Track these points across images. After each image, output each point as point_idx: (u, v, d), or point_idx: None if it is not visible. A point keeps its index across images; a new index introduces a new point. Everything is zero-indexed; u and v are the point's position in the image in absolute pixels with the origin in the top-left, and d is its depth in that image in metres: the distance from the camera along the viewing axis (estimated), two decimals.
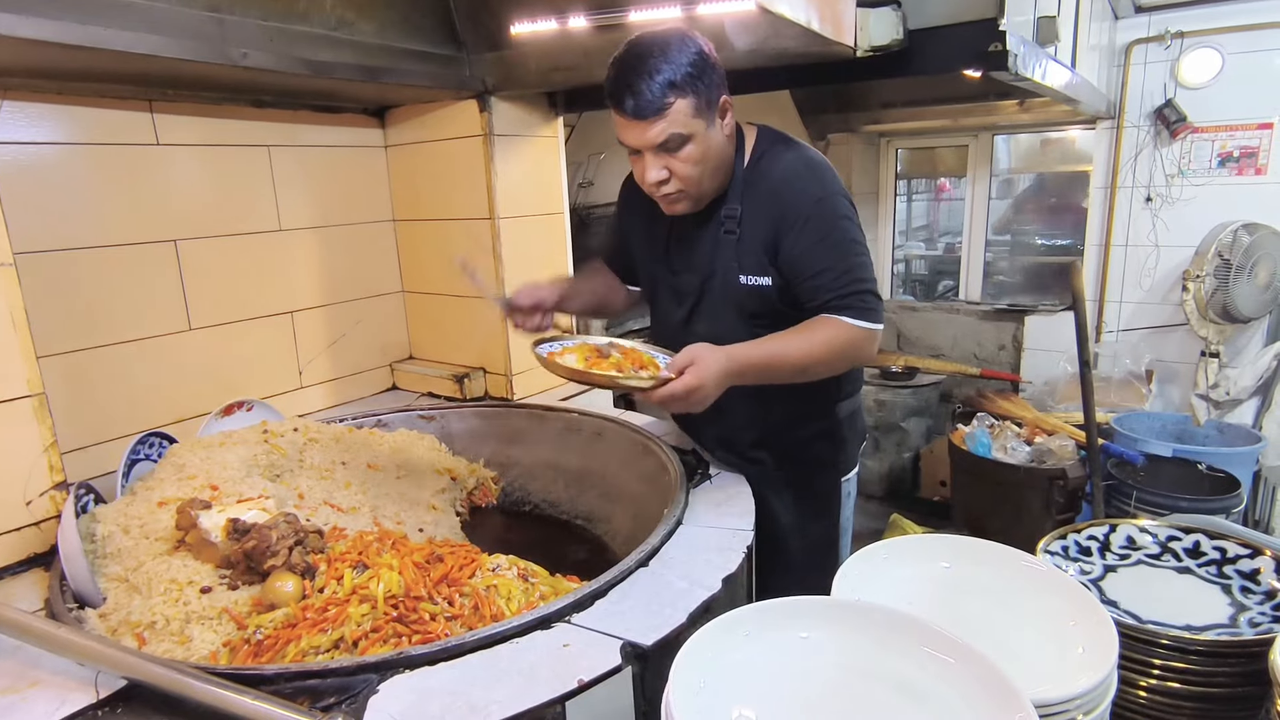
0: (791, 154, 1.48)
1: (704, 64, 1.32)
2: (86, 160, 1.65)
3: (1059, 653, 0.90)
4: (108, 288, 1.71)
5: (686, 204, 1.45)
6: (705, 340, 1.50)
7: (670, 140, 1.33)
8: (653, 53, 1.29)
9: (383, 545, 1.29)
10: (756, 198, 1.46)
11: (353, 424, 1.92)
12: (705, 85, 1.32)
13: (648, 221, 1.61)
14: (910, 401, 4.09)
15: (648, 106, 1.29)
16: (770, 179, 1.45)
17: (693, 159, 1.36)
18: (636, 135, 1.34)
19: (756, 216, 1.46)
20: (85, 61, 1.42)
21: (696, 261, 1.54)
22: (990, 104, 3.81)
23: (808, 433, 1.62)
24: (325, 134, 2.15)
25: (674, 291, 1.60)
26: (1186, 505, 2.56)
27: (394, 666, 0.98)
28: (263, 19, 1.55)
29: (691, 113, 1.32)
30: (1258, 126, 3.42)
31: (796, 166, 1.45)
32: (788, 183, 1.43)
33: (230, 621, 1.14)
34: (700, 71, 1.31)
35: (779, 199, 1.43)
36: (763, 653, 0.83)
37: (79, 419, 1.66)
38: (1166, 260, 3.71)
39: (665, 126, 1.31)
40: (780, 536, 1.62)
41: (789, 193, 1.42)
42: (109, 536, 1.29)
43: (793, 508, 1.63)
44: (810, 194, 1.41)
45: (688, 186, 1.40)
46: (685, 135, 1.33)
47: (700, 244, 1.53)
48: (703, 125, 1.34)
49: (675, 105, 1.30)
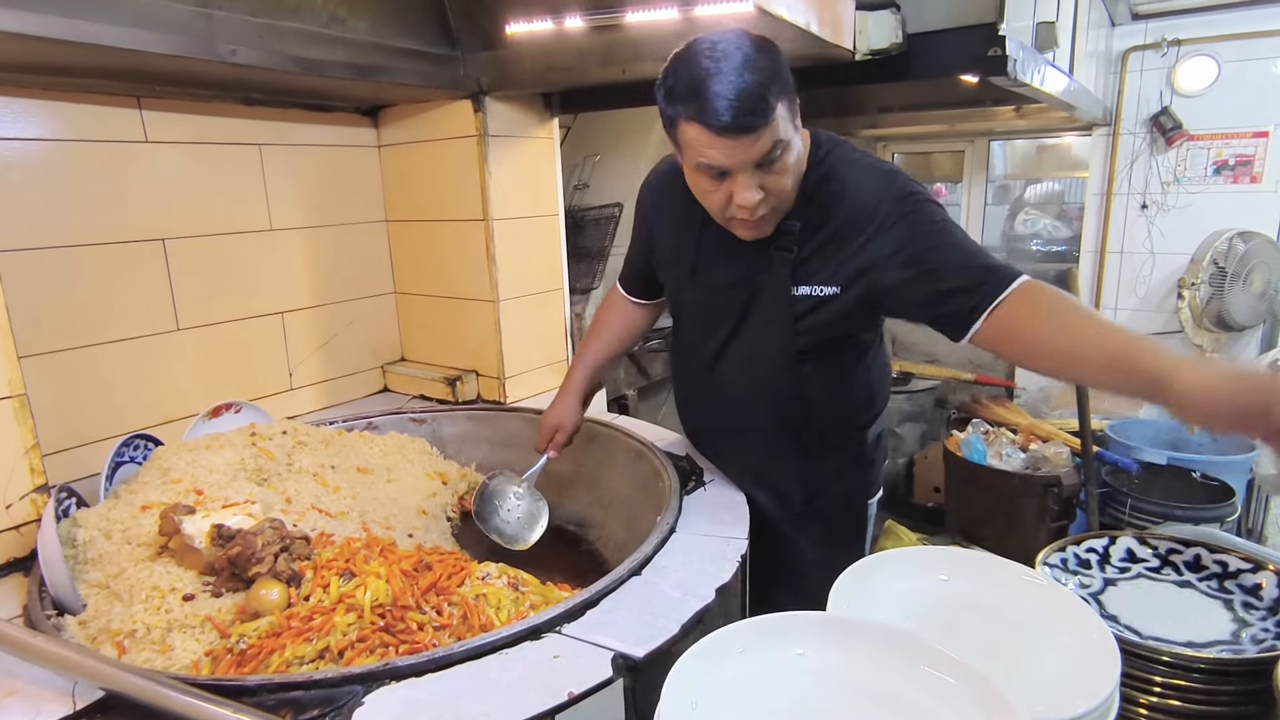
0: (858, 158, 1.34)
1: (785, 62, 1.18)
2: (73, 157, 1.62)
3: (1059, 670, 0.88)
4: (94, 287, 1.68)
5: (770, 226, 1.29)
6: (741, 360, 1.44)
7: (774, 149, 1.17)
8: (742, 56, 1.13)
9: (370, 552, 1.27)
10: (823, 208, 1.30)
11: (343, 427, 1.89)
12: (790, 90, 1.18)
13: (676, 233, 1.48)
14: (905, 407, 4.09)
15: (753, 117, 1.12)
16: (839, 186, 1.30)
17: (787, 170, 1.22)
18: (735, 154, 1.16)
19: (824, 230, 1.30)
20: (71, 57, 1.39)
21: (741, 278, 1.39)
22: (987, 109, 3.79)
23: (837, 462, 1.52)
24: (317, 133, 2.12)
25: (710, 310, 1.46)
26: (1181, 514, 2.56)
27: (380, 678, 0.96)
28: (252, 15, 1.52)
29: (789, 117, 1.18)
30: (1253, 135, 3.43)
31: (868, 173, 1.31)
32: (865, 190, 1.28)
33: (213, 630, 1.12)
34: (786, 71, 1.17)
35: (858, 207, 1.27)
36: (757, 670, 0.81)
37: (62, 420, 1.63)
38: (1162, 267, 3.71)
39: (770, 137, 1.15)
40: (803, 570, 1.51)
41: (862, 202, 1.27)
42: (90, 541, 1.27)
43: (820, 539, 1.52)
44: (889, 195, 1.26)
45: (780, 203, 1.26)
46: (785, 142, 1.18)
47: (747, 260, 1.37)
48: (794, 131, 1.21)
49: (778, 112, 1.14)
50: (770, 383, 1.44)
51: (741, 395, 1.49)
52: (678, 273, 1.50)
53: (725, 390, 1.50)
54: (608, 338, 1.75)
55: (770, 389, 1.44)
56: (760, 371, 1.42)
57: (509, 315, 2.20)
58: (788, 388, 1.42)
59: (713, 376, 1.51)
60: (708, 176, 1.22)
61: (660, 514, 1.39)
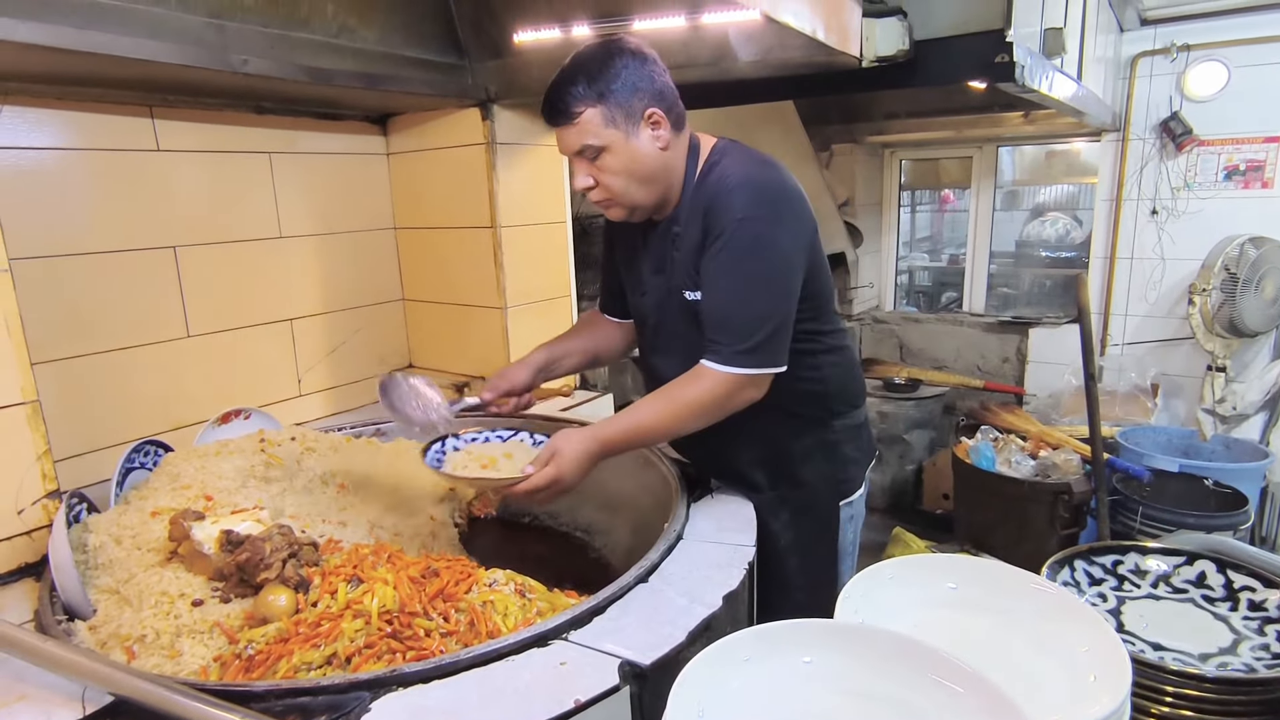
0: (735, 166, 1.39)
1: (621, 75, 1.31)
2: (86, 166, 1.64)
3: (1070, 680, 0.87)
4: (106, 294, 1.69)
5: (619, 211, 1.44)
6: (668, 361, 1.51)
7: (585, 150, 1.34)
8: (572, 63, 1.32)
9: (378, 559, 1.27)
10: (694, 211, 1.41)
11: (351, 433, 1.90)
12: (621, 96, 1.32)
13: (627, 245, 1.59)
14: (913, 414, 4.07)
15: (557, 115, 1.33)
16: (706, 191, 1.40)
17: (611, 169, 1.36)
18: (560, 142, 1.38)
19: (691, 231, 1.41)
20: (85, 67, 1.41)
21: (653, 282, 1.52)
22: (995, 115, 3.80)
23: (800, 447, 1.56)
24: (327, 141, 2.14)
25: (639, 313, 1.59)
26: (1193, 522, 2.54)
27: (387, 684, 0.96)
28: (264, 26, 1.54)
29: (602, 123, 1.32)
30: (1264, 140, 3.41)
31: (732, 180, 1.37)
32: (717, 197, 1.37)
33: (221, 636, 1.12)
34: (615, 82, 1.31)
35: (707, 214, 1.37)
36: (764, 678, 0.80)
37: (74, 426, 1.64)
38: (1172, 273, 3.69)
39: (578, 135, 1.33)
40: (779, 555, 1.57)
41: (715, 208, 1.36)
42: (101, 547, 1.27)
43: (790, 527, 1.57)
44: (732, 212, 1.33)
45: (614, 196, 1.40)
46: (598, 146, 1.34)
47: (656, 263, 1.50)
48: (619, 136, 1.34)
49: (584, 114, 1.31)
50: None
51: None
52: (631, 286, 1.62)
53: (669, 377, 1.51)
54: (578, 338, 1.78)
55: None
56: (689, 360, 1.43)
57: (516, 322, 2.21)
58: None
59: (658, 367, 1.58)
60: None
61: (667, 521, 1.39)
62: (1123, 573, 1.24)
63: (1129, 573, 1.24)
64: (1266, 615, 1.12)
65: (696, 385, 1.35)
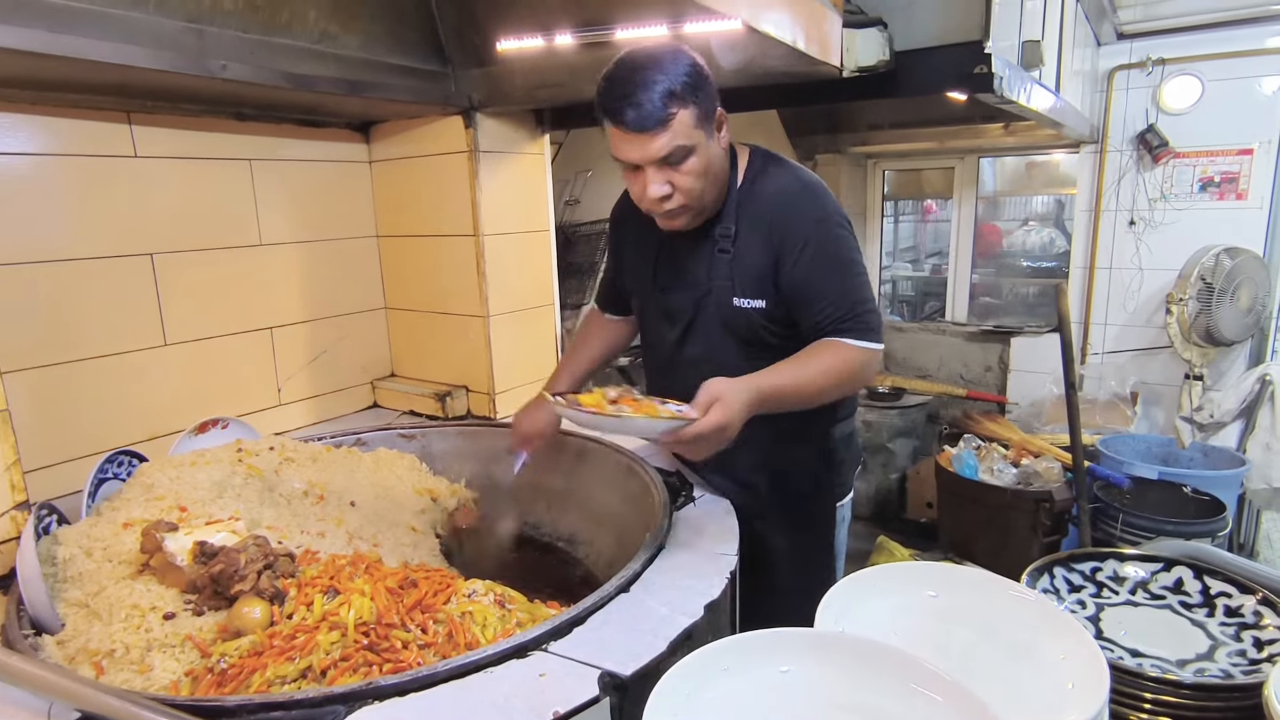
0: (787, 174, 1.47)
1: (700, 75, 1.31)
2: (61, 171, 1.62)
3: (1048, 687, 0.87)
4: (80, 301, 1.67)
5: (686, 218, 1.43)
6: (698, 362, 1.51)
7: (674, 153, 1.30)
8: (650, 65, 1.27)
9: (355, 569, 1.25)
10: (752, 218, 1.44)
11: (331, 443, 1.87)
12: (704, 96, 1.31)
13: (638, 244, 1.60)
14: (897, 422, 4.09)
15: (650, 118, 1.26)
16: (766, 200, 1.44)
17: (695, 171, 1.34)
18: (638, 149, 1.31)
19: (753, 238, 1.44)
20: (59, 71, 1.39)
21: (689, 281, 1.52)
22: (976, 127, 3.84)
23: (804, 454, 1.59)
24: (308, 148, 2.12)
25: (665, 312, 1.58)
26: (1172, 529, 2.56)
27: (362, 697, 0.95)
28: (243, 31, 1.53)
29: (693, 123, 1.30)
30: (1238, 152, 3.47)
31: (793, 187, 1.44)
32: (786, 204, 1.42)
33: (194, 649, 1.10)
34: (697, 82, 1.30)
35: (778, 221, 1.41)
36: (742, 688, 0.80)
37: (46, 436, 1.61)
38: (1150, 283, 3.74)
39: (669, 138, 1.29)
40: (773, 561, 1.58)
41: (787, 215, 1.41)
42: (70, 559, 1.25)
43: (786, 533, 1.59)
44: (809, 215, 1.41)
45: (690, 200, 1.38)
46: (689, 147, 1.31)
47: (693, 263, 1.51)
48: (703, 137, 1.33)
49: (678, 116, 1.28)
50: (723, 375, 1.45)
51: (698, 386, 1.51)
52: (642, 287, 1.63)
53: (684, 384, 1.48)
54: (588, 353, 1.84)
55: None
56: (713, 365, 1.45)
57: (499, 331, 2.20)
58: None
59: (672, 372, 1.59)
60: (626, 169, 1.38)
61: (649, 530, 1.38)
62: (1101, 579, 1.24)
63: (1107, 579, 1.24)
64: (1242, 621, 1.13)
65: (839, 354, 1.36)
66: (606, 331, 1.84)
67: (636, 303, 1.69)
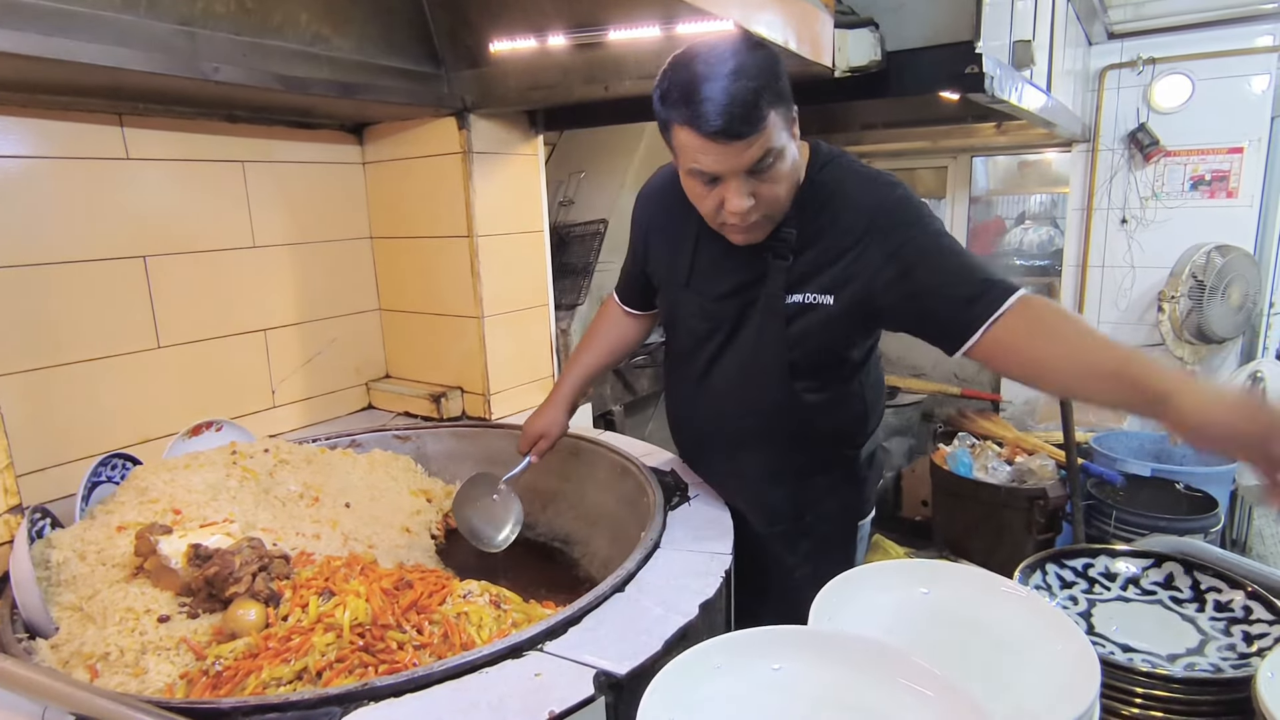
0: (860, 177, 1.31)
1: (783, 69, 1.17)
2: (53, 174, 1.61)
3: (1039, 682, 0.88)
4: (73, 304, 1.66)
5: (760, 230, 1.27)
6: (735, 369, 1.41)
7: (765, 159, 1.16)
8: (734, 62, 1.11)
9: (350, 571, 1.25)
10: (825, 217, 1.28)
11: (326, 445, 1.87)
12: (787, 96, 1.17)
13: (671, 243, 1.46)
14: (892, 421, 4.10)
15: (744, 124, 1.11)
16: (844, 198, 1.28)
17: (780, 178, 1.20)
18: (726, 160, 1.15)
19: (823, 237, 1.28)
20: (51, 74, 1.39)
21: (736, 287, 1.37)
22: (969, 126, 3.85)
23: (829, 480, 1.50)
24: (301, 150, 2.12)
25: (704, 316, 1.43)
26: (1165, 525, 2.57)
27: (358, 699, 0.95)
28: (235, 33, 1.53)
29: (783, 126, 1.17)
30: (1228, 150, 3.49)
31: (878, 188, 1.28)
32: (877, 209, 1.26)
33: (189, 652, 1.10)
34: (782, 80, 1.16)
35: (870, 230, 1.25)
36: (735, 686, 0.80)
37: (39, 440, 1.61)
38: (1142, 281, 3.76)
39: (761, 145, 1.14)
40: (795, 585, 1.46)
41: (884, 224, 1.24)
42: (64, 563, 1.24)
43: (809, 559, 1.50)
44: (897, 216, 1.25)
45: (773, 210, 1.24)
46: (779, 150, 1.17)
47: (743, 268, 1.35)
48: (789, 139, 1.19)
49: (769, 120, 1.13)
50: (763, 393, 1.41)
51: (733, 405, 1.46)
52: (672, 283, 1.48)
53: (717, 400, 1.48)
54: (600, 349, 1.74)
55: (763, 399, 1.41)
56: (753, 381, 1.39)
57: (494, 332, 2.20)
58: (780, 399, 1.39)
59: (705, 386, 1.48)
60: (700, 181, 1.21)
61: (644, 530, 1.39)
62: (1093, 575, 1.25)
63: (1099, 575, 1.25)
64: (1232, 615, 1.13)
65: (1051, 306, 1.17)
66: (623, 327, 1.72)
67: (664, 301, 1.55)
